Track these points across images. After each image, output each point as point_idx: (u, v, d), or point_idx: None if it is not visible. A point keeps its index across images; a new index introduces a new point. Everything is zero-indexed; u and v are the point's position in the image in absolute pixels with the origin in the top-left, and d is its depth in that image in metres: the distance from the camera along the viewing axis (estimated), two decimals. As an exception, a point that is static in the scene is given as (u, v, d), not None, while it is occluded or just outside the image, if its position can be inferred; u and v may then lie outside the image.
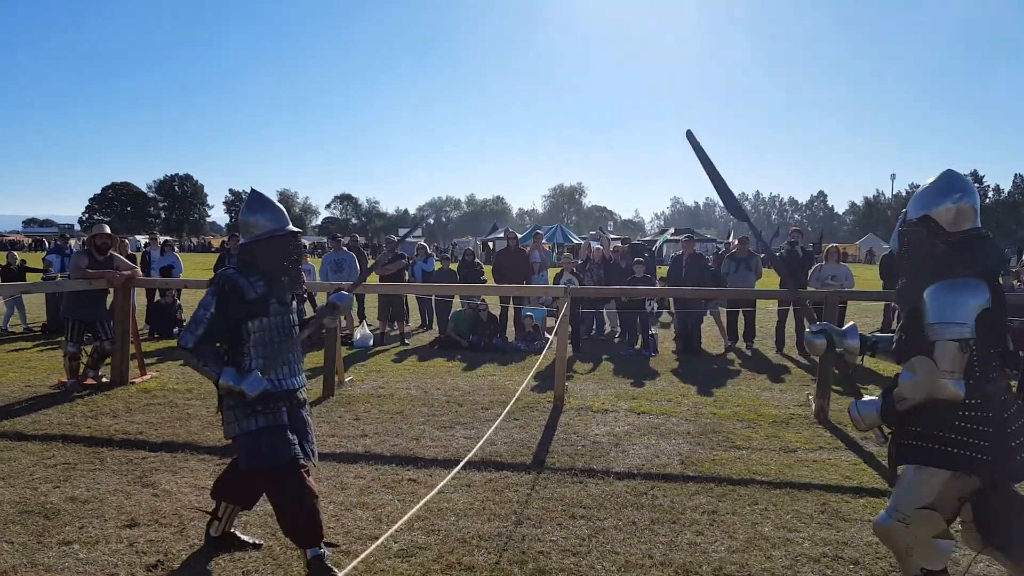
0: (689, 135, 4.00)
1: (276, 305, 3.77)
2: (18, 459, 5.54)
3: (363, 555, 3.27)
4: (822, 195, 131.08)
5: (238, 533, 4.16)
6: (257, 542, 4.14)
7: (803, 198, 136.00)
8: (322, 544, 3.68)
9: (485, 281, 13.31)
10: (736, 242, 13.08)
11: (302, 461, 3.70)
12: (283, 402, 3.74)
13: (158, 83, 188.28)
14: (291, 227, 3.86)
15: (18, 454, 5.66)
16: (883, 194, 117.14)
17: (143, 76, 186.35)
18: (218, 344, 3.74)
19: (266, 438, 3.64)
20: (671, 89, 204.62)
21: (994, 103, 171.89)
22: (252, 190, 3.97)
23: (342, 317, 4.19)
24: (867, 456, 5.92)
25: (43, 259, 14.29)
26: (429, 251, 14.31)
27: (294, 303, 3.94)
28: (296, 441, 3.71)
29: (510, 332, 12.37)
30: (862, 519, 4.59)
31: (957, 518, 3.09)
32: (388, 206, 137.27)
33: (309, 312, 4.71)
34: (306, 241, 52.19)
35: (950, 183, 3.02)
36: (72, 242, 16.37)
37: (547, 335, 11.65)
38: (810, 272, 11.54)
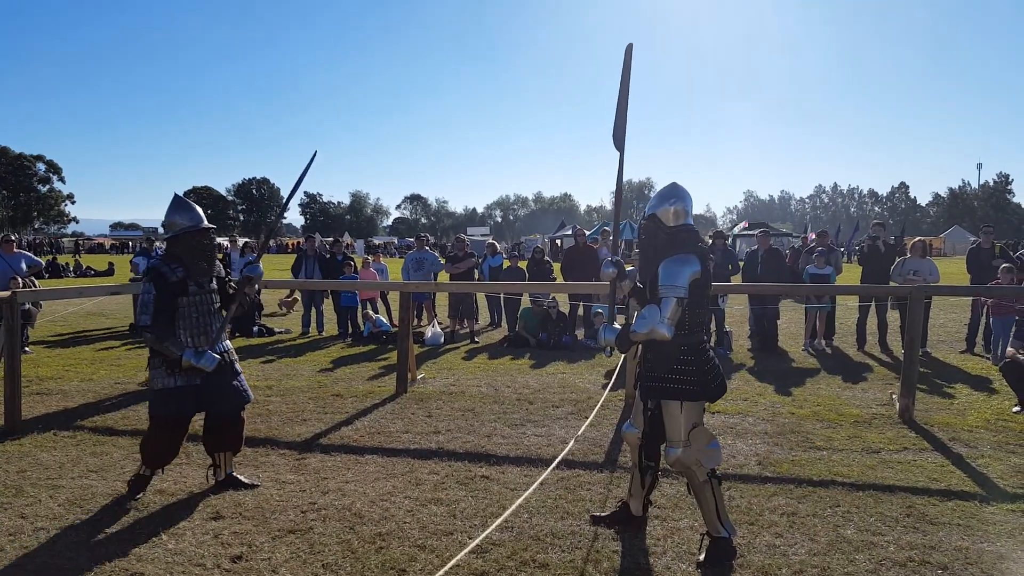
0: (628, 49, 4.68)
1: (194, 287, 4.67)
2: (109, 453, 5.80)
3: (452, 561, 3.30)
4: (904, 186, 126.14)
5: (238, 476, 5.04)
6: (255, 483, 5.01)
7: (883, 190, 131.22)
8: (158, 471, 4.86)
9: (554, 279, 13.29)
10: (814, 236, 12.75)
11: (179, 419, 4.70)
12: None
13: (234, 90, 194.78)
14: (204, 224, 4.75)
15: (109, 448, 5.93)
16: (969, 184, 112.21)
17: (220, 84, 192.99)
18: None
19: (176, 395, 4.59)
20: (741, 79, 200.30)
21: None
22: (174, 195, 4.82)
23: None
24: (955, 457, 5.68)
25: (130, 261, 14.93)
26: (498, 248, 14.39)
27: (213, 285, 4.82)
28: (198, 401, 4.67)
29: (579, 330, 12.31)
30: (951, 523, 4.41)
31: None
32: (457, 205, 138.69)
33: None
34: (377, 240, 53.11)
35: (670, 192, 4.06)
36: (157, 244, 17.06)
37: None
38: (892, 267, 11.13)
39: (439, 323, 12.52)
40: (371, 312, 12.75)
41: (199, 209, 4.84)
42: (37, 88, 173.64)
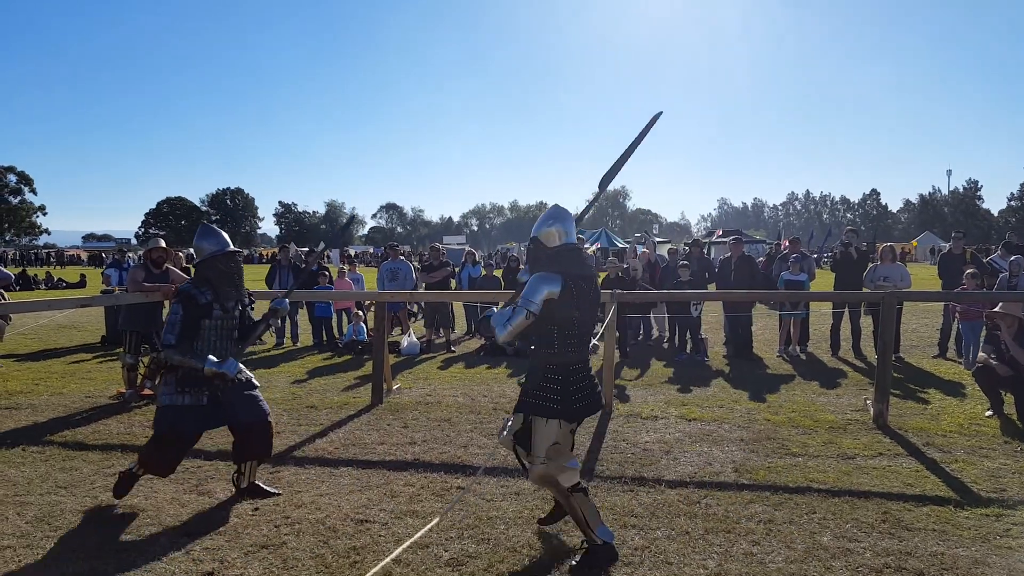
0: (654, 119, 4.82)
1: (219, 311, 4.86)
2: (79, 468, 5.68)
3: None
4: (875, 193, 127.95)
5: (261, 484, 5.10)
6: (277, 491, 5.09)
7: (855, 197, 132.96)
8: (149, 473, 4.86)
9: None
10: (787, 243, 12.86)
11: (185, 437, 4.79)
12: (207, 387, 4.74)
13: (206, 100, 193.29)
14: (231, 248, 4.99)
15: (79, 463, 5.80)
16: (939, 190, 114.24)
17: (193, 94, 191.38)
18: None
19: (180, 412, 4.70)
20: (713, 88, 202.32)
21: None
22: (202, 222, 5.04)
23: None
24: (929, 462, 5.73)
25: (102, 273, 14.69)
26: (477, 258, 14.35)
27: (238, 310, 5.03)
28: (205, 419, 4.80)
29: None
30: (926, 528, 4.44)
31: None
32: (433, 214, 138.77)
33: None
34: (352, 251, 52.85)
35: (551, 214, 4.17)
36: (129, 256, 16.82)
37: (593, 340, 11.54)
38: (864, 273, 11.25)
39: (415, 333, 12.45)
40: (360, 312, 12.70)
41: (225, 234, 5.10)
42: (6, 98, 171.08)
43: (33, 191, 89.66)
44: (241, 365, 4.95)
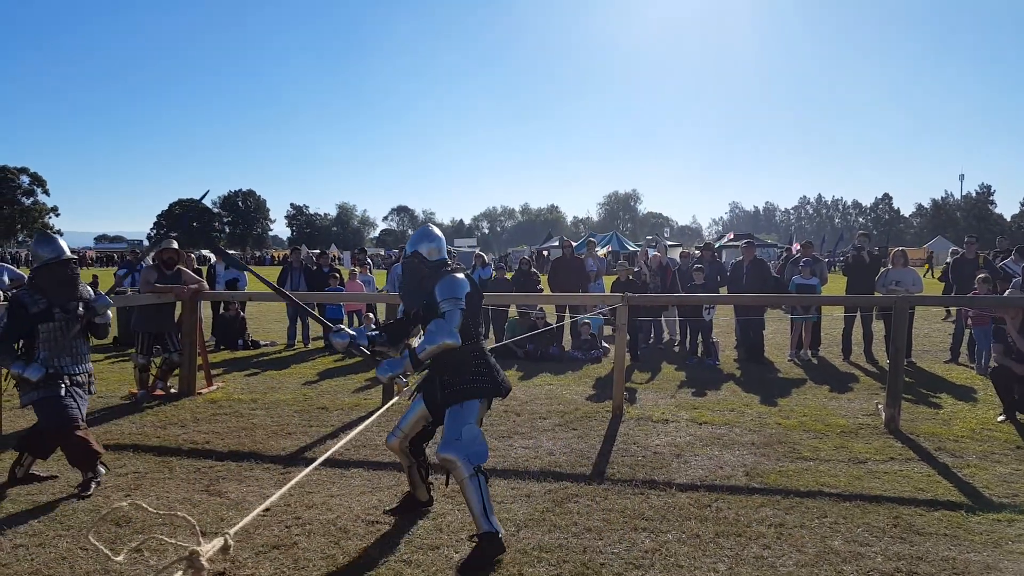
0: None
1: (60, 313, 5.16)
2: (92, 468, 5.71)
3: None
4: (887, 197, 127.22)
5: (36, 472, 5.40)
6: (53, 475, 5.41)
7: (867, 201, 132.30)
8: (96, 469, 5.22)
9: (541, 290, 13.28)
10: (799, 247, 12.83)
11: (79, 423, 5.13)
12: (61, 380, 5.11)
13: (218, 102, 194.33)
14: (66, 255, 5.25)
15: (92, 463, 5.84)
16: (952, 195, 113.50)
17: (204, 96, 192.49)
18: (18, 344, 5.13)
19: (51, 406, 5.03)
20: (725, 92, 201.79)
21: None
22: (38, 230, 5.65)
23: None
24: (941, 467, 5.70)
25: (114, 274, 14.78)
26: (487, 260, 14.35)
27: (80, 310, 5.27)
28: (75, 407, 5.12)
29: (566, 341, 12.30)
30: (937, 533, 4.42)
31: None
32: (444, 216, 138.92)
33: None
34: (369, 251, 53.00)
35: (424, 234, 4.59)
36: (142, 257, 16.89)
37: (604, 344, 11.55)
38: (876, 277, 11.19)
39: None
40: (371, 315, 12.76)
41: (62, 242, 5.36)
42: (20, 100, 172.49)
43: (46, 192, 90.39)
44: (89, 367, 5.39)
